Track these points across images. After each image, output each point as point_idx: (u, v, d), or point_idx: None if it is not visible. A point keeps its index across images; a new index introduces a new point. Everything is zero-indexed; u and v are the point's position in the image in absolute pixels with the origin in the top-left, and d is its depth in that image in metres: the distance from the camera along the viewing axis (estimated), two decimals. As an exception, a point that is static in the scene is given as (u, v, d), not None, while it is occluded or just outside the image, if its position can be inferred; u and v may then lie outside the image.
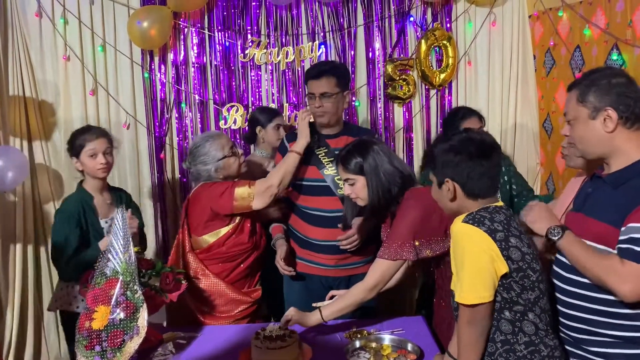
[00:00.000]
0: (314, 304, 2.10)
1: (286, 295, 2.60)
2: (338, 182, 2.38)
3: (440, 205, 1.68)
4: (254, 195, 2.23)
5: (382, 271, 1.93)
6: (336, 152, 2.38)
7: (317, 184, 2.44)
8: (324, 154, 2.45)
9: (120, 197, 2.60)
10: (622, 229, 1.44)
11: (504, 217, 1.56)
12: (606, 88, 1.49)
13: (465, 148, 1.56)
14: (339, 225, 2.37)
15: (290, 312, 2.02)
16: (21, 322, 3.26)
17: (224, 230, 2.29)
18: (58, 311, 2.54)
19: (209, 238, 2.29)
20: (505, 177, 2.73)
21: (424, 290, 2.80)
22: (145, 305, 1.76)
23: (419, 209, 1.90)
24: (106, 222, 2.45)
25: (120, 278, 1.79)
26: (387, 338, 1.99)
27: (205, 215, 2.28)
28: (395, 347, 1.94)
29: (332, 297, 2.12)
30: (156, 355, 1.95)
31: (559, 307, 1.63)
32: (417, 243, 1.89)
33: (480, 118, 2.81)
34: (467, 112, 2.82)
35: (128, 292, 1.77)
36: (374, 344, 1.96)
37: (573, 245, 1.54)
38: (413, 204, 1.93)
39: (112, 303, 1.75)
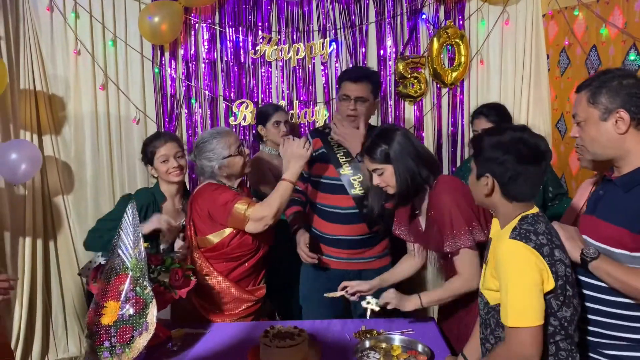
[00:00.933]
0: (325, 294, 2.14)
1: (301, 285, 2.63)
2: (353, 182, 2.43)
3: (473, 194, 1.63)
4: (249, 219, 2.19)
5: (470, 260, 1.91)
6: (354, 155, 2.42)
7: (333, 183, 2.47)
8: (342, 154, 2.48)
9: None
10: None
11: (545, 227, 1.49)
12: (617, 89, 1.48)
13: (515, 149, 1.47)
14: (364, 210, 2.37)
15: (390, 294, 2.03)
16: (29, 317, 3.27)
17: (228, 231, 2.27)
18: (84, 280, 2.59)
19: (214, 238, 2.28)
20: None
21: None
22: (154, 302, 1.76)
23: (460, 194, 1.90)
24: None
25: (130, 274, 1.78)
26: (397, 338, 1.97)
27: (205, 216, 2.26)
28: (405, 348, 1.92)
29: (344, 288, 2.14)
30: (165, 351, 1.94)
31: None
32: (475, 224, 1.90)
33: (487, 115, 2.71)
34: (475, 114, 2.78)
35: (137, 288, 1.76)
36: (383, 344, 1.94)
37: (611, 264, 1.48)
38: (452, 189, 1.93)
39: (122, 299, 1.75)
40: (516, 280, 1.42)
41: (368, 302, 2.09)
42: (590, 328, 1.56)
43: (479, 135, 1.60)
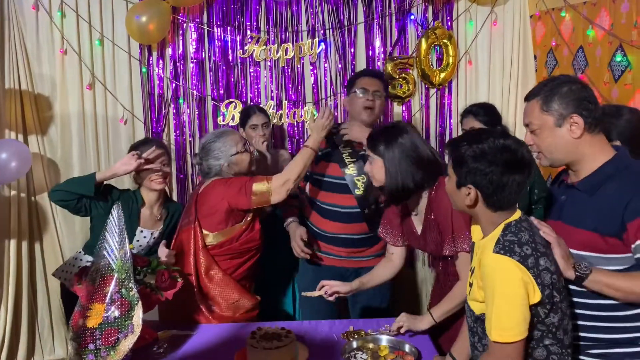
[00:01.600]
0: (303, 293, 2.17)
1: (298, 282, 2.70)
2: (357, 182, 2.46)
3: (452, 201, 1.60)
4: (272, 190, 2.25)
5: (469, 263, 1.86)
6: (360, 154, 2.45)
7: (337, 182, 2.50)
8: (348, 154, 2.50)
9: (172, 215, 2.56)
10: (633, 246, 1.44)
11: (529, 235, 1.45)
12: (568, 95, 1.50)
13: (501, 159, 1.42)
14: (366, 211, 2.43)
15: (402, 318, 2.02)
16: (15, 319, 3.24)
17: (239, 227, 2.30)
18: (59, 283, 2.58)
19: (224, 234, 2.29)
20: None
21: None
22: (140, 303, 1.74)
23: None
24: (141, 232, 2.45)
25: (115, 275, 1.76)
26: (384, 339, 1.97)
27: (222, 211, 2.27)
28: (392, 348, 1.92)
29: (322, 287, 2.12)
30: (151, 353, 1.93)
31: None
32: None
33: (476, 115, 2.70)
34: (465, 113, 2.78)
35: (123, 290, 1.74)
36: (371, 345, 1.94)
37: (607, 276, 1.47)
38: None
39: (107, 301, 1.73)
40: (501, 296, 1.40)
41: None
42: (576, 333, 1.56)
43: (455, 141, 1.55)
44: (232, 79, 3.40)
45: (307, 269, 2.60)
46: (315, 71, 3.42)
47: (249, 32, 3.36)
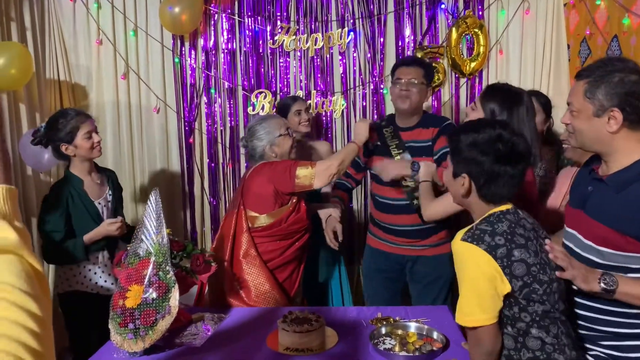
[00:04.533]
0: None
1: (363, 263, 2.84)
2: None
3: (450, 191, 1.63)
4: (315, 175, 2.31)
5: None
6: (406, 145, 2.48)
7: None
8: (394, 146, 2.52)
9: (109, 177, 2.60)
10: None
11: (507, 226, 1.45)
12: (616, 87, 1.42)
13: (492, 149, 1.44)
14: (415, 202, 2.47)
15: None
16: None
17: (285, 209, 2.36)
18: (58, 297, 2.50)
19: (273, 216, 2.35)
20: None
21: None
22: (177, 286, 1.80)
23: None
24: (99, 204, 2.45)
25: (153, 259, 1.83)
26: (412, 326, 2.00)
27: (268, 193, 2.33)
28: (420, 335, 1.95)
29: None
30: (186, 334, 2.00)
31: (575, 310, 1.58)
32: None
33: (538, 96, 2.62)
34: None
35: (160, 273, 1.81)
36: (399, 331, 1.97)
37: (634, 285, 1.44)
38: None
39: (145, 283, 1.80)
40: (463, 282, 1.44)
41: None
42: (581, 322, 1.58)
43: (453, 131, 1.58)
44: (262, 69, 3.44)
45: (370, 252, 2.71)
46: (344, 61, 3.43)
47: (279, 22, 3.39)
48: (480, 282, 1.41)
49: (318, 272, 2.88)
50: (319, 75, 3.45)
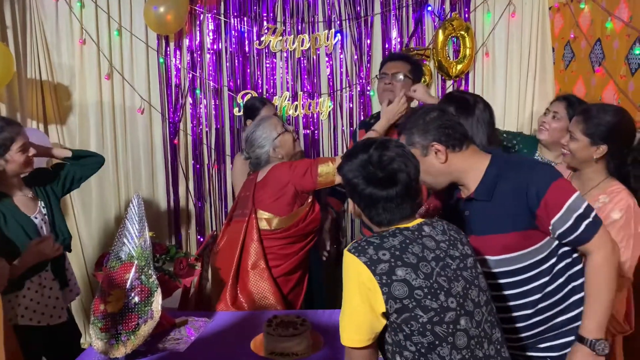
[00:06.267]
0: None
1: None
2: None
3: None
4: (336, 171, 2.28)
5: None
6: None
7: None
8: None
9: (39, 187, 2.30)
10: (550, 227, 1.52)
11: (399, 242, 1.34)
12: (424, 127, 1.61)
13: (362, 173, 1.38)
14: None
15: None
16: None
17: (303, 209, 2.36)
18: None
19: (292, 217, 2.33)
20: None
21: None
22: (159, 290, 1.78)
23: None
24: (35, 218, 2.21)
25: (136, 262, 1.80)
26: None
27: (289, 195, 2.31)
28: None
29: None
30: (169, 339, 1.97)
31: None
32: None
33: (572, 104, 2.48)
34: (559, 98, 2.61)
35: (143, 277, 1.78)
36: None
37: (594, 319, 1.52)
38: None
39: (127, 287, 1.77)
40: (344, 296, 1.35)
41: None
42: (515, 335, 1.63)
43: (343, 155, 1.54)
44: (249, 70, 3.42)
45: None
46: (331, 62, 3.42)
47: (265, 23, 3.37)
48: (356, 298, 1.31)
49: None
50: (305, 76, 3.43)
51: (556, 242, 1.58)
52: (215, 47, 3.39)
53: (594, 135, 1.87)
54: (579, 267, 1.61)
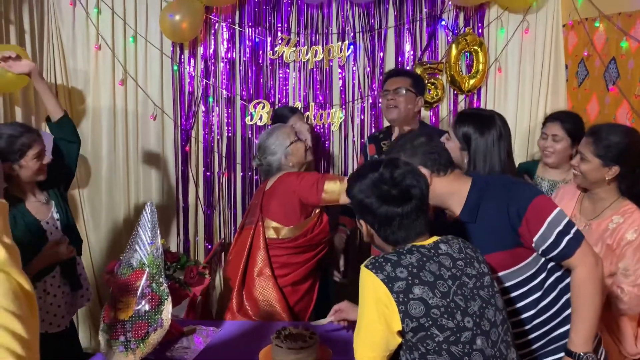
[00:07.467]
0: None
1: None
2: None
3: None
4: (343, 191, 2.27)
5: None
6: None
7: None
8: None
9: (53, 191, 2.34)
10: (533, 245, 1.54)
11: (416, 259, 1.33)
12: (411, 151, 1.65)
13: (375, 192, 1.39)
14: None
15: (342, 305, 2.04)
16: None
17: (310, 220, 2.35)
18: None
19: (299, 228, 2.32)
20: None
21: None
22: (170, 298, 1.77)
23: None
24: (47, 223, 2.24)
25: (147, 270, 1.80)
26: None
27: (294, 205, 2.31)
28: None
29: (334, 313, 2.00)
30: (177, 348, 1.96)
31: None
32: None
33: (564, 122, 2.51)
34: (549, 118, 2.62)
35: (154, 284, 1.78)
36: (394, 350, 1.94)
37: (581, 334, 1.52)
38: None
39: (138, 294, 1.77)
40: (360, 313, 1.36)
41: None
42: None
43: (348, 179, 1.55)
44: (262, 80, 3.43)
45: None
46: (343, 74, 3.43)
47: (279, 33, 3.39)
48: (373, 315, 1.31)
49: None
50: (317, 87, 3.44)
51: (544, 258, 1.59)
52: (229, 56, 3.41)
53: (605, 157, 1.89)
54: (569, 279, 1.61)
